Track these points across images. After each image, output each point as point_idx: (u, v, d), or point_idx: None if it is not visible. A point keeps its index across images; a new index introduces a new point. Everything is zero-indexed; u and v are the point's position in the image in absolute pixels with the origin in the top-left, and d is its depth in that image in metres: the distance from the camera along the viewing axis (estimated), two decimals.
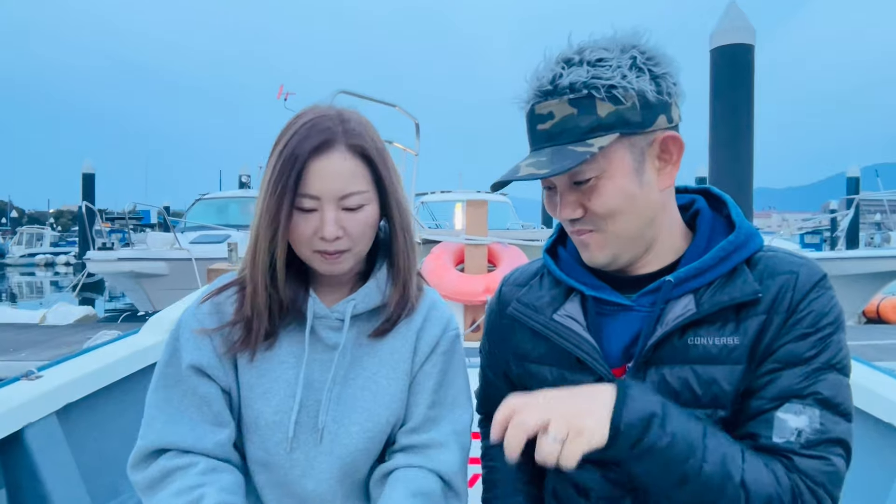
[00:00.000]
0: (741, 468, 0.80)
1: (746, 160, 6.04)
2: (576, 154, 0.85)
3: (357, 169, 0.98)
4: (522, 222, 11.11)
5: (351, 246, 1.00)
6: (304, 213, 0.98)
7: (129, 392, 1.88)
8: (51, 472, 1.61)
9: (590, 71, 0.85)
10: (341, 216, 0.98)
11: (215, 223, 10.94)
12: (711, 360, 0.87)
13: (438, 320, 1.11)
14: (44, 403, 1.65)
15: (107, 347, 2.00)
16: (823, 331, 0.85)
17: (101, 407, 1.81)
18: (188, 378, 1.02)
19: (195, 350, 1.02)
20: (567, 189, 0.92)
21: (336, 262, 1.01)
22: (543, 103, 0.89)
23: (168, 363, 1.04)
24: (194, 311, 1.06)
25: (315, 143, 0.96)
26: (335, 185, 0.96)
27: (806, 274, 0.88)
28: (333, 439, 1.02)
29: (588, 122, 0.86)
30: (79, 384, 1.76)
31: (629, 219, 0.90)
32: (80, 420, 1.75)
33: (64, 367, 1.81)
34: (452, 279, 3.48)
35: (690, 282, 0.90)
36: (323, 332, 1.05)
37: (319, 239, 0.98)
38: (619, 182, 0.88)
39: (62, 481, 1.63)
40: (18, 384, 1.68)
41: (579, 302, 0.97)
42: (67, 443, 1.68)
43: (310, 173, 0.96)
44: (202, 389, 1.01)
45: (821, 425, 0.82)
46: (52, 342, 6.82)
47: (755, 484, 0.80)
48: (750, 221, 0.99)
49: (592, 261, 0.95)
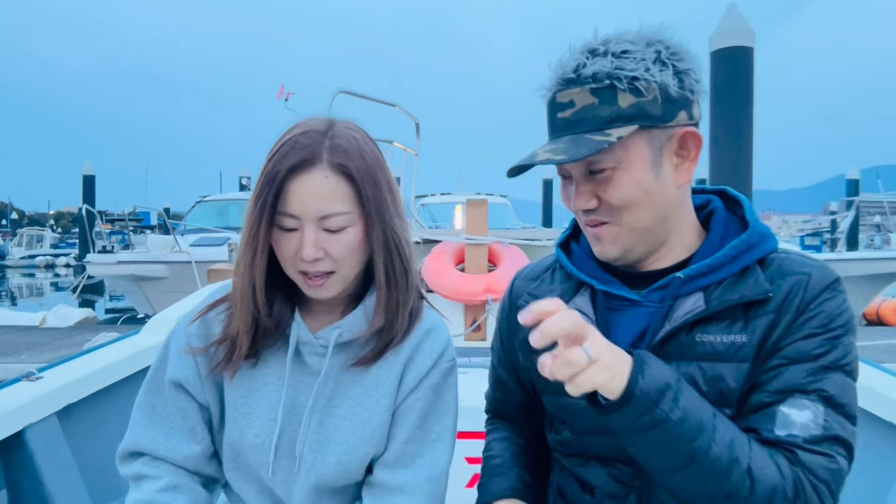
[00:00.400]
0: (748, 455, 0.79)
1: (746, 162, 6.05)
2: (593, 142, 0.85)
3: (339, 188, 0.94)
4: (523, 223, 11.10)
5: (335, 268, 0.97)
6: (285, 232, 0.95)
7: (130, 393, 1.87)
8: (51, 472, 1.61)
9: (613, 62, 0.85)
10: (322, 237, 0.94)
11: (215, 225, 10.94)
12: (718, 357, 0.87)
13: (430, 351, 1.05)
14: (44, 404, 1.65)
15: (107, 348, 2.00)
16: (833, 331, 0.85)
17: (101, 408, 1.81)
18: (169, 390, 1.05)
19: (177, 367, 1.04)
20: (582, 178, 0.91)
21: (320, 286, 0.97)
22: (565, 91, 0.88)
23: (157, 369, 1.07)
24: (185, 328, 1.06)
25: (294, 160, 0.92)
26: (314, 204, 0.93)
27: (818, 275, 0.88)
28: (309, 469, 1.01)
29: (608, 112, 0.86)
30: (79, 385, 1.76)
31: (643, 212, 0.90)
32: (80, 421, 1.75)
33: (64, 367, 1.81)
34: (452, 279, 3.48)
35: (701, 279, 0.90)
36: (308, 356, 1.03)
37: (300, 259, 0.95)
38: (636, 174, 0.88)
39: (63, 482, 1.63)
40: (19, 385, 1.68)
41: (589, 296, 0.98)
42: (68, 443, 1.68)
43: (289, 192, 0.93)
44: (181, 403, 1.05)
45: (825, 422, 0.81)
46: (52, 344, 6.82)
47: (760, 472, 0.79)
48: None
49: (604, 254, 0.94)
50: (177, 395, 1.05)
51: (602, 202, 0.90)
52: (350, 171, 0.94)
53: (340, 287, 1.00)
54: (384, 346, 1.03)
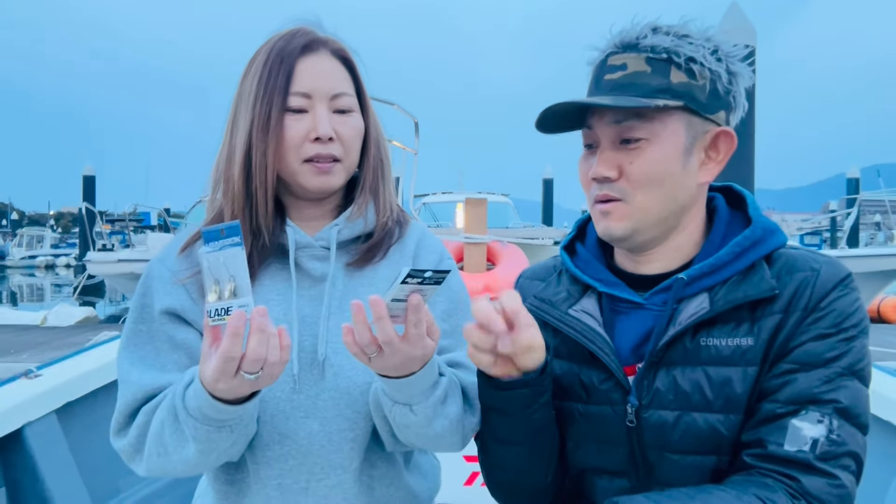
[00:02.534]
0: None
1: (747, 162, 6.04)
2: (638, 101, 0.84)
3: (343, 72, 0.96)
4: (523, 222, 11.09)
5: (343, 155, 0.95)
6: (293, 114, 0.93)
7: None
8: (50, 470, 1.61)
9: (674, 41, 0.85)
10: (334, 118, 0.94)
11: None
12: (723, 361, 0.84)
13: (432, 247, 1.06)
14: (43, 402, 1.65)
15: (106, 346, 2.00)
16: (846, 332, 0.81)
17: (100, 405, 1.80)
18: (162, 327, 0.93)
19: (167, 296, 0.94)
20: (611, 146, 0.89)
21: (328, 172, 0.94)
22: (619, 55, 0.87)
23: (138, 320, 0.95)
24: (162, 261, 0.98)
25: (303, 42, 0.93)
26: (326, 83, 0.93)
27: (828, 271, 0.84)
28: (337, 372, 0.94)
29: (658, 82, 0.85)
30: (78, 383, 1.76)
31: (659, 196, 0.88)
32: (79, 419, 1.75)
33: (63, 365, 1.81)
34: None
35: (704, 279, 0.87)
36: (308, 262, 0.97)
37: (312, 141, 0.92)
38: (667, 152, 0.87)
39: (62, 480, 1.63)
40: (18, 383, 1.68)
41: (596, 299, 0.95)
42: (67, 441, 1.68)
43: (299, 72, 0.92)
44: (180, 336, 0.93)
45: (837, 437, 0.78)
46: (53, 344, 6.82)
47: None
48: None
49: (609, 231, 0.91)
50: (174, 329, 0.93)
51: (622, 175, 0.88)
52: (349, 57, 0.98)
53: (343, 179, 0.98)
54: (387, 244, 1.01)
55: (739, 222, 0.94)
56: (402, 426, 0.89)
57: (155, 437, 0.86)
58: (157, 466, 0.88)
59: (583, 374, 0.94)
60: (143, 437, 0.88)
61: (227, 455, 0.88)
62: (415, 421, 0.87)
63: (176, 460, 0.85)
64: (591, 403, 0.93)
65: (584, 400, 0.93)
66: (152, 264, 0.99)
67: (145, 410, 0.88)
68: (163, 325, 0.94)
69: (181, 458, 0.84)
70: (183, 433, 0.82)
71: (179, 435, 0.83)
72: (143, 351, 0.93)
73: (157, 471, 0.89)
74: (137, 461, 0.91)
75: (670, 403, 0.86)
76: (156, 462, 0.87)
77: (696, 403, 0.85)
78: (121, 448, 0.92)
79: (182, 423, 0.81)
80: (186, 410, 0.80)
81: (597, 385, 0.92)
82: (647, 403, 0.87)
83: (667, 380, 0.86)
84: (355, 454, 0.95)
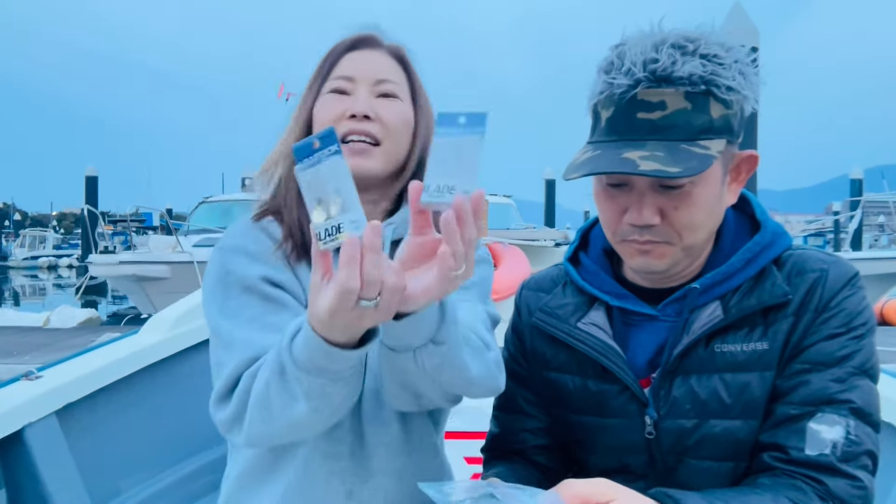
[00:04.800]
0: None
1: None
2: (698, 155, 0.77)
3: (395, 69, 0.96)
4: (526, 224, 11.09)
5: (383, 136, 0.91)
6: (335, 94, 0.93)
7: (130, 392, 1.87)
8: (51, 472, 1.60)
9: (706, 65, 0.77)
10: (376, 102, 0.92)
11: (219, 226, 10.95)
12: (739, 367, 0.83)
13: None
14: (44, 403, 1.65)
15: (107, 347, 1.99)
16: (856, 331, 0.81)
17: (101, 407, 1.80)
18: (262, 288, 0.87)
19: (259, 264, 0.89)
20: (651, 191, 0.81)
21: (363, 154, 0.90)
22: (655, 90, 0.78)
23: (230, 295, 0.88)
24: (238, 237, 0.93)
25: (355, 39, 0.95)
26: (372, 68, 0.93)
27: (836, 271, 0.84)
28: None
29: (701, 121, 0.78)
30: (79, 384, 1.76)
31: (703, 233, 0.84)
32: (80, 420, 1.74)
33: (64, 366, 1.81)
34: None
35: (717, 287, 0.86)
36: None
37: (348, 118, 0.90)
38: (711, 192, 0.82)
39: (62, 481, 1.62)
40: (18, 384, 1.67)
41: (604, 311, 0.93)
42: (67, 443, 1.68)
43: (345, 60, 0.94)
44: (282, 298, 0.88)
45: (855, 437, 0.78)
46: (55, 345, 6.82)
47: None
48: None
49: (648, 267, 0.86)
50: (273, 290, 0.88)
51: (665, 219, 0.81)
52: (406, 60, 0.98)
53: (382, 164, 0.92)
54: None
55: (744, 226, 0.92)
56: (436, 367, 0.76)
57: (259, 401, 0.77)
58: (260, 433, 0.80)
59: (596, 389, 0.92)
60: (243, 404, 0.79)
61: (339, 413, 0.79)
62: (446, 352, 0.76)
63: (282, 423, 0.76)
64: (607, 417, 0.92)
65: (600, 413, 0.92)
66: (226, 243, 0.93)
67: (248, 375, 0.80)
68: (262, 287, 0.88)
69: (289, 420, 0.75)
70: (291, 391, 0.73)
71: (288, 394, 0.74)
72: (249, 312, 0.86)
73: (258, 439, 0.81)
74: (237, 431, 0.82)
75: (688, 412, 0.86)
76: (258, 429, 0.79)
77: (714, 410, 0.84)
78: (221, 420, 0.83)
79: (290, 379, 0.72)
80: (295, 364, 0.71)
81: (612, 399, 0.91)
82: (665, 413, 0.87)
83: (683, 388, 0.86)
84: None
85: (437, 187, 0.62)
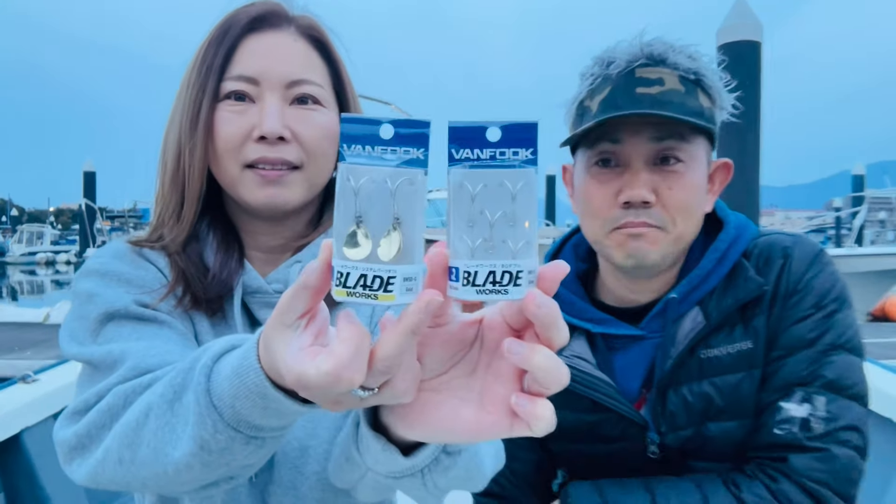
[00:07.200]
0: None
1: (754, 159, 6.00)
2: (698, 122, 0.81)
3: (311, 57, 0.73)
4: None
5: (302, 160, 0.71)
6: (233, 104, 0.70)
7: None
8: (48, 475, 1.61)
9: (694, 61, 0.83)
10: (289, 113, 0.71)
11: None
12: (727, 369, 0.83)
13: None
14: (41, 407, 1.66)
15: None
16: (825, 309, 0.81)
17: None
18: (131, 312, 0.68)
19: (137, 291, 0.70)
20: (646, 167, 0.83)
21: (278, 182, 0.70)
22: (652, 68, 0.82)
23: (92, 331, 0.68)
24: (117, 257, 0.73)
25: (255, 13, 0.71)
26: (281, 65, 0.70)
27: (799, 252, 0.84)
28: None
29: (693, 104, 0.82)
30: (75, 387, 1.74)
31: (692, 224, 0.85)
32: None
33: (60, 370, 1.82)
34: None
35: (694, 293, 0.85)
36: (259, 311, 0.73)
37: (256, 141, 0.69)
38: (699, 178, 0.84)
39: (60, 485, 1.63)
40: (15, 388, 1.68)
41: (585, 339, 0.90)
42: None
43: (245, 51, 0.71)
44: (161, 317, 0.70)
45: (828, 413, 0.78)
46: (55, 341, 6.80)
47: None
48: (756, 220, 0.95)
49: (639, 254, 0.83)
50: (153, 313, 0.69)
51: (659, 200, 0.82)
52: (323, 40, 0.75)
53: (302, 193, 0.72)
54: None
55: (710, 224, 0.92)
56: (451, 481, 0.56)
57: (128, 428, 0.55)
58: (111, 473, 0.56)
59: (592, 420, 0.90)
60: (100, 427, 0.58)
61: (228, 480, 0.56)
62: (468, 459, 0.57)
63: (148, 469, 0.54)
64: (607, 443, 0.90)
65: (601, 440, 0.91)
66: (92, 267, 0.74)
67: (119, 391, 0.58)
68: (135, 310, 0.69)
69: (158, 467, 0.53)
70: (178, 428, 0.51)
71: (170, 430, 0.52)
72: (124, 336, 0.67)
73: (105, 479, 0.58)
74: (78, 461, 0.60)
75: (685, 422, 0.85)
76: (111, 468, 0.56)
77: (709, 414, 0.84)
78: (62, 439, 0.61)
79: (186, 411, 0.51)
80: (209, 393, 0.49)
81: (610, 427, 0.89)
82: (666, 430, 0.86)
83: (676, 400, 0.85)
84: None
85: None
